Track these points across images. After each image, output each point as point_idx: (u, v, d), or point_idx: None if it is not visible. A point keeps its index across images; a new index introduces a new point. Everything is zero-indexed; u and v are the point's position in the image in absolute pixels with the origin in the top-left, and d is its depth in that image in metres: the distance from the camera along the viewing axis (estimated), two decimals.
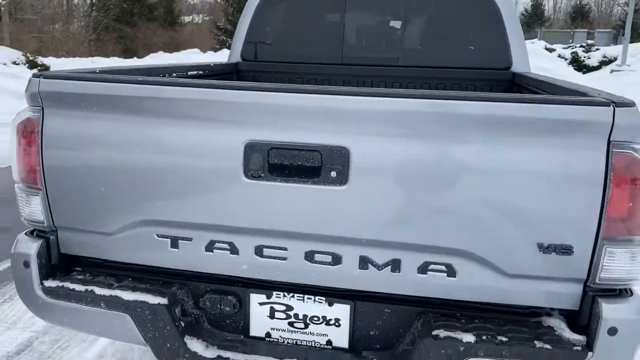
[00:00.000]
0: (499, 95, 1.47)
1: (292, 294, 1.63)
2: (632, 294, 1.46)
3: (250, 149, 1.44)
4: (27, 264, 1.66)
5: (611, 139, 1.32)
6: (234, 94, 1.47)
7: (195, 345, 1.62)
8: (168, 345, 1.60)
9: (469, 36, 2.97)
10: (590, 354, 1.41)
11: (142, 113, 1.53)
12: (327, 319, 1.62)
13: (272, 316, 1.66)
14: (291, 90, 1.43)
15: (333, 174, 1.42)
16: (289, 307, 1.64)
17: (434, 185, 1.40)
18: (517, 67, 2.91)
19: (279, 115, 1.44)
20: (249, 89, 1.46)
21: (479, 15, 2.91)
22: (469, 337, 1.45)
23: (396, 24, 3.04)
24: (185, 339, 1.61)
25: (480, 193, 1.39)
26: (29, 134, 1.60)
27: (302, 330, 1.65)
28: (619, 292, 1.44)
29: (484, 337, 1.44)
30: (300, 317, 1.64)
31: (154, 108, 1.51)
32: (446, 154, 1.39)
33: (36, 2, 24.85)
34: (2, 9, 15.79)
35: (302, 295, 1.62)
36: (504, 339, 1.44)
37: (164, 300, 1.59)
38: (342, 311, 1.61)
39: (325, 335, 1.64)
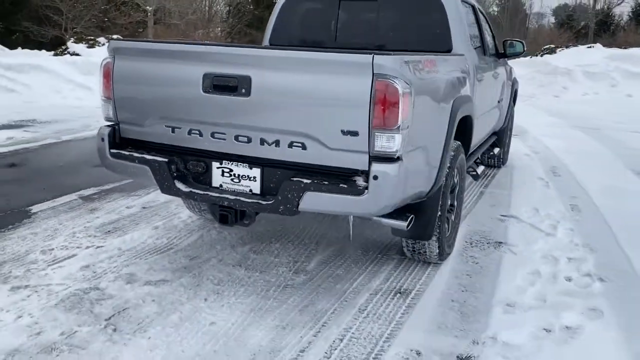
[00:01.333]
0: (322, 52, 2.73)
1: (232, 162, 2.99)
2: (395, 160, 2.63)
3: (204, 77, 2.83)
4: (103, 140, 3.19)
5: (374, 72, 2.54)
6: (201, 48, 2.89)
7: (180, 185, 3.04)
8: (166, 184, 3.04)
9: (422, 26, 4.13)
10: (367, 190, 2.63)
11: (159, 59, 2.98)
12: (249, 176, 2.96)
13: (222, 175, 3.03)
14: (224, 46, 2.82)
15: (243, 90, 2.77)
16: (231, 170, 3.00)
17: (291, 98, 2.70)
18: (456, 50, 4.02)
19: (218, 60, 2.83)
20: (206, 45, 2.87)
21: (429, 11, 4.07)
22: (307, 180, 2.73)
23: (371, 19, 4.28)
24: (174, 182, 3.03)
25: (315, 102, 2.66)
26: (107, 70, 3.12)
27: (237, 183, 3.00)
28: (386, 159, 2.63)
29: (315, 181, 2.71)
30: (236, 175, 2.99)
31: (163, 56, 2.96)
32: (296, 81, 2.67)
33: (183, 9, 28.29)
34: (149, 14, 18.77)
35: (237, 162, 2.97)
36: (325, 182, 2.70)
37: (165, 160, 3.03)
38: (256, 172, 2.94)
39: (249, 186, 2.97)
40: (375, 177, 2.56)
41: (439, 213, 3.29)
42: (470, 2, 4.77)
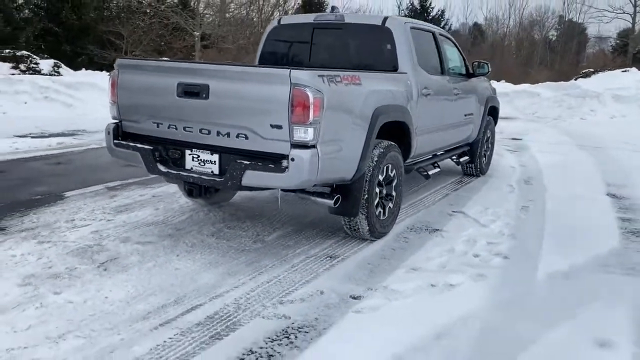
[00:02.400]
0: (257, 67, 3.70)
1: (199, 150, 3.98)
2: (309, 147, 3.54)
3: (178, 85, 3.86)
4: (109, 133, 4.26)
5: (292, 82, 3.49)
6: (175, 64, 3.92)
7: (161, 167, 4.05)
8: (150, 166, 4.06)
9: (375, 50, 5.05)
10: (287, 169, 3.56)
11: (148, 72, 4.04)
12: (211, 160, 3.94)
13: (192, 159, 4.02)
14: (191, 62, 3.84)
15: (204, 95, 3.77)
16: (198, 156, 3.99)
17: (237, 100, 3.67)
18: (401, 69, 4.92)
19: (187, 73, 3.85)
20: (180, 62, 3.90)
21: (381, 37, 4.99)
22: (247, 162, 3.69)
23: (337, 43, 5.24)
24: (157, 164, 4.05)
25: (253, 103, 3.63)
26: (114, 80, 4.21)
27: (203, 166, 3.98)
28: (302, 146, 3.55)
29: (252, 162, 3.66)
30: (202, 159, 3.98)
31: (151, 70, 4.01)
32: (240, 88, 3.65)
33: (236, 35, 30.01)
34: (196, 39, 20.41)
35: (203, 150, 3.96)
36: (260, 163, 3.65)
37: (150, 148, 4.06)
38: (216, 157, 3.91)
39: (211, 168, 3.94)
40: (293, 159, 3.48)
41: (366, 196, 4.15)
42: (430, 30, 5.65)
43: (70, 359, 2.62)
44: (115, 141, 4.20)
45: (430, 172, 5.43)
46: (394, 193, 4.61)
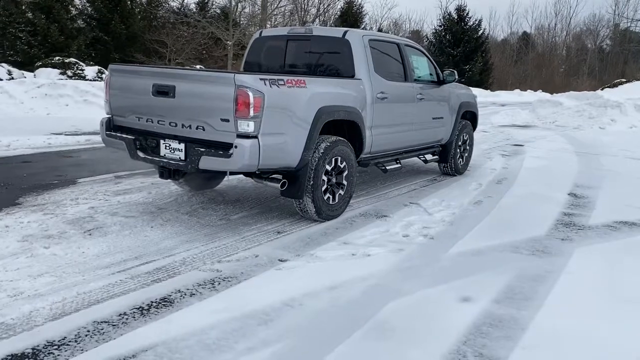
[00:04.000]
0: (210, 71, 4.54)
1: (171, 139, 4.85)
2: (251, 137, 4.35)
3: (152, 86, 4.75)
4: (102, 125, 5.20)
5: (236, 84, 4.32)
6: (152, 69, 4.81)
7: (140, 154, 4.94)
8: (132, 152, 4.96)
9: (336, 58, 5.83)
10: (232, 155, 4.38)
11: (131, 75, 4.95)
12: (179, 148, 4.80)
13: (165, 147, 4.90)
14: (163, 67, 4.73)
15: (171, 94, 4.65)
16: (170, 144, 4.86)
17: (196, 98, 4.53)
18: (357, 76, 5.69)
19: (159, 75, 4.73)
20: (155, 67, 4.79)
21: (341, 48, 5.77)
22: (202, 149, 4.54)
23: (306, 53, 6.05)
24: (137, 151, 4.94)
25: (207, 101, 4.48)
26: (107, 81, 5.14)
27: (173, 153, 4.84)
28: (245, 136, 4.36)
29: (207, 149, 4.50)
30: (173, 148, 4.84)
31: (134, 74, 4.92)
32: (198, 88, 4.51)
33: None
34: (229, 48, 21.64)
35: (173, 140, 4.83)
36: (212, 149, 4.49)
37: (132, 137, 4.96)
38: (182, 146, 4.77)
39: (179, 155, 4.82)
40: (236, 147, 4.29)
41: (311, 182, 4.93)
42: (395, 42, 6.38)
43: (41, 289, 3.49)
44: (107, 132, 5.11)
45: (388, 167, 6.13)
46: (344, 182, 5.35)
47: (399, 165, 6.34)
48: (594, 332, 3.22)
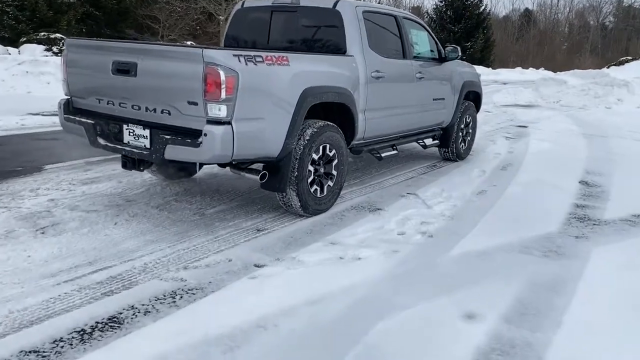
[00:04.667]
0: (175, 45, 3.92)
1: (134, 125, 4.25)
2: (223, 123, 3.76)
3: (112, 63, 4.13)
4: (60, 108, 4.59)
5: (205, 60, 3.71)
6: (110, 43, 4.19)
7: (100, 140, 4.34)
8: (92, 139, 4.36)
9: (325, 32, 5.19)
10: (201, 142, 3.78)
11: (89, 51, 4.32)
12: (144, 135, 4.20)
13: (129, 134, 4.30)
14: (123, 42, 4.10)
15: (132, 72, 4.03)
16: (133, 130, 4.26)
17: (159, 77, 3.92)
18: (349, 52, 5.06)
19: (119, 51, 4.11)
20: (114, 41, 4.16)
21: (332, 21, 5.13)
22: (168, 136, 3.94)
23: (292, 26, 5.41)
24: (97, 138, 4.35)
25: (172, 81, 3.87)
26: (64, 59, 4.51)
27: (137, 140, 4.24)
28: (216, 122, 3.76)
29: (173, 136, 3.91)
30: (137, 134, 4.24)
31: (92, 49, 4.29)
32: (161, 65, 3.89)
33: None
34: (221, 23, 20.87)
35: (137, 125, 4.24)
36: (179, 137, 3.89)
37: (92, 122, 4.36)
38: (147, 132, 4.18)
39: (144, 142, 4.21)
40: (206, 134, 3.70)
41: (295, 173, 4.34)
42: (392, 14, 5.74)
43: None
44: (65, 115, 4.51)
45: (383, 154, 5.54)
46: (334, 172, 4.77)
47: (395, 151, 5.76)
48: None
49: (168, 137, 3.85)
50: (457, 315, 3.05)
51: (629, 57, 21.92)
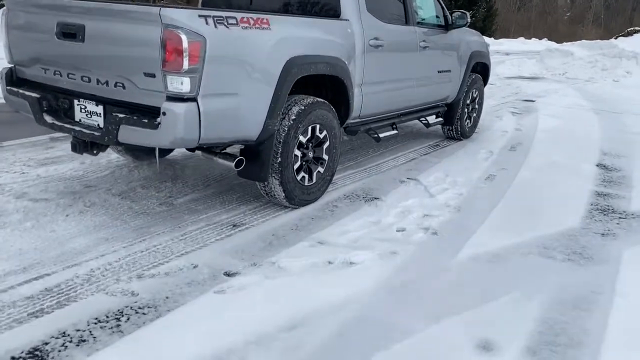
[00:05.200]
0: (126, 3, 3.20)
1: (86, 100, 3.56)
2: (186, 100, 3.07)
3: (56, 25, 3.42)
4: (2, 79, 3.88)
5: (163, 22, 3.00)
6: (55, 1, 3.45)
7: (47, 118, 3.65)
8: (37, 116, 3.67)
9: None
10: (160, 123, 3.10)
11: (32, 10, 3.59)
12: (97, 112, 3.51)
13: (80, 110, 3.61)
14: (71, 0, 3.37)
15: (80, 37, 3.32)
16: (85, 107, 3.58)
17: (110, 43, 3.21)
18: (344, 15, 4.34)
19: (64, 10, 3.39)
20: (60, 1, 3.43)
21: None
22: (122, 115, 3.25)
23: None
24: (43, 115, 3.65)
25: (125, 47, 3.16)
26: (4, 20, 3.78)
27: (90, 118, 3.56)
28: (178, 99, 3.08)
29: (127, 115, 3.22)
30: (89, 111, 3.55)
31: (35, 7, 3.55)
32: (112, 28, 3.19)
33: None
34: None
35: (89, 100, 3.54)
36: (135, 116, 3.21)
37: (37, 96, 3.66)
38: (100, 109, 3.49)
39: (97, 120, 3.53)
40: (165, 114, 3.03)
41: (279, 159, 3.68)
42: None
43: None
44: (8, 87, 3.83)
45: (381, 135, 4.87)
46: (325, 156, 4.11)
47: (395, 131, 5.09)
48: None
49: (121, 116, 3.18)
50: (470, 344, 2.45)
51: (637, 28, 21.01)
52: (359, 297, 2.81)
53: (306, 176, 3.98)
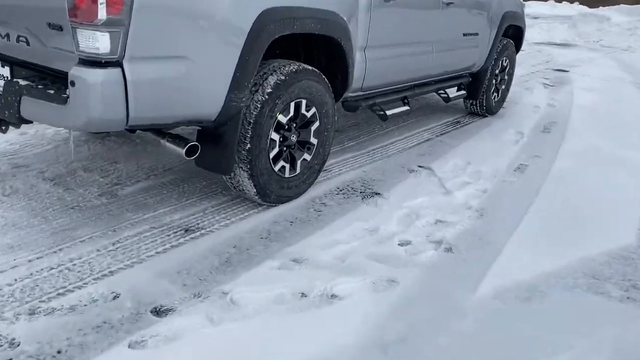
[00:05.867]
0: None
1: None
2: (106, 65, 2.15)
3: None
4: None
5: None
6: None
7: None
8: None
9: None
10: (67, 97, 2.19)
11: None
12: (3, 75, 2.61)
13: None
14: None
15: None
16: None
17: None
18: None
19: None
20: None
21: None
22: (23, 82, 2.34)
23: None
24: None
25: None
26: None
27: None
28: (95, 63, 2.16)
29: (30, 84, 2.32)
30: None
31: None
32: None
33: None
34: None
35: None
36: (39, 86, 2.30)
37: None
38: (7, 71, 2.58)
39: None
40: (73, 84, 2.11)
41: (248, 145, 2.77)
42: None
43: None
44: None
45: (389, 112, 3.91)
46: (313, 140, 3.19)
47: (407, 107, 4.12)
48: None
49: (23, 83, 2.28)
50: None
51: None
52: None
53: (286, 166, 3.08)
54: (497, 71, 5.44)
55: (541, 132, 5.27)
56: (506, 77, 5.75)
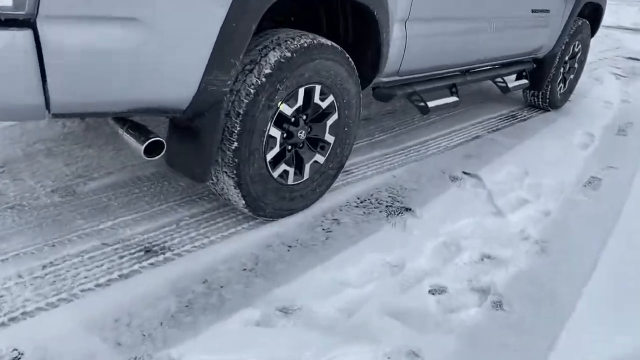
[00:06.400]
0: None
1: None
2: (17, 24, 1.45)
3: None
4: None
5: None
6: None
7: None
8: None
9: None
10: None
11: None
12: None
13: None
14: None
15: None
16: None
17: None
18: None
19: None
20: None
21: None
22: None
23: None
24: None
25: None
26: None
27: None
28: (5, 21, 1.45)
29: None
30: None
31: None
32: None
33: None
34: None
35: None
36: None
37: None
38: None
39: None
40: None
41: (235, 144, 2.03)
42: None
43: None
44: None
45: (431, 104, 3.10)
46: (329, 138, 2.42)
47: (455, 98, 3.29)
48: None
49: None
50: None
51: None
52: None
53: (290, 170, 2.32)
54: (567, 57, 4.51)
55: (615, 135, 4.37)
56: (576, 65, 4.82)
